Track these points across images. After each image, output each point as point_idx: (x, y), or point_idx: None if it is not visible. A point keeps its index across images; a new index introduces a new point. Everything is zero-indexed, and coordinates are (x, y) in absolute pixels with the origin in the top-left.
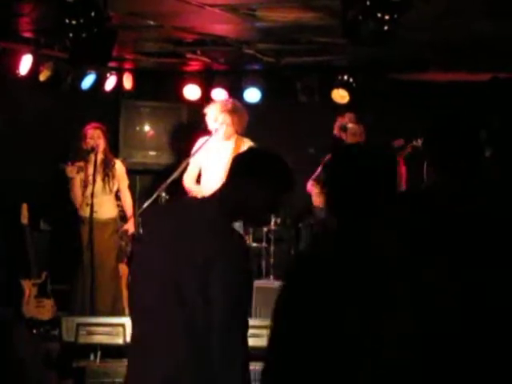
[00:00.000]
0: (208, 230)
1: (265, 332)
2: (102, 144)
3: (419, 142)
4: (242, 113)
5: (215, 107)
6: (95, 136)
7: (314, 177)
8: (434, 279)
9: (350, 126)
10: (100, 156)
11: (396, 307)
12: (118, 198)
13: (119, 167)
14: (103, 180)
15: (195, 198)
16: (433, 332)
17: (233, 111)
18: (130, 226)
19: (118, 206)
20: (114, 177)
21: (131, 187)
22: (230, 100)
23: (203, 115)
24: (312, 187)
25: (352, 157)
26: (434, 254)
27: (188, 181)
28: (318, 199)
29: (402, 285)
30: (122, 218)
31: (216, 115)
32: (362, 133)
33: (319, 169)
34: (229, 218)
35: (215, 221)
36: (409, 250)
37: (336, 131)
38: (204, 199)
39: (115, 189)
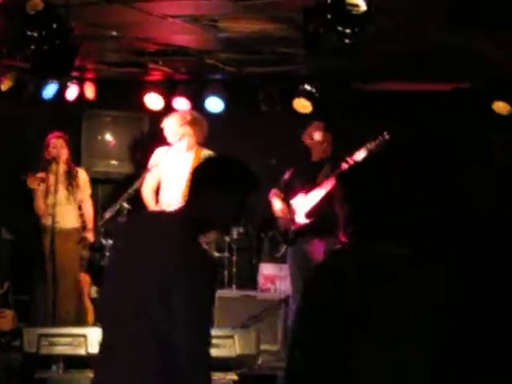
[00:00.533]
0: (174, 243)
1: (226, 342)
2: (64, 153)
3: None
4: (201, 123)
5: (174, 120)
6: (58, 145)
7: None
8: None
9: (317, 134)
10: (62, 165)
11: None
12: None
13: (83, 176)
14: (67, 189)
15: (163, 212)
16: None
17: (193, 123)
18: (89, 235)
19: (81, 215)
20: (77, 186)
21: (93, 196)
22: (188, 111)
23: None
24: (274, 195)
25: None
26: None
27: (146, 192)
28: (278, 208)
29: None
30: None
31: (175, 128)
32: (329, 142)
33: (285, 176)
34: (197, 231)
35: (182, 235)
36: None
37: (305, 139)
38: (172, 213)
39: (79, 198)
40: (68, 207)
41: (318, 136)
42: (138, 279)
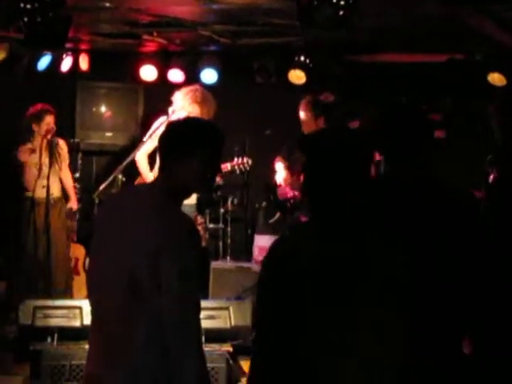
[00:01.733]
0: (158, 215)
1: (221, 313)
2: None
3: None
4: (210, 103)
5: (184, 96)
6: (51, 121)
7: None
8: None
9: (301, 113)
10: (47, 137)
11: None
12: None
13: (63, 146)
14: (50, 160)
15: (144, 185)
16: None
17: (202, 102)
18: (73, 204)
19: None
20: (59, 155)
21: (88, 168)
22: (200, 89)
23: (163, 98)
24: (279, 161)
25: (318, 142)
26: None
27: (141, 157)
28: (281, 176)
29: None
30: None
31: (184, 105)
32: (310, 120)
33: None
34: (178, 199)
35: (164, 206)
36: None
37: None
38: (151, 185)
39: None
40: (53, 178)
41: (302, 115)
42: (125, 253)
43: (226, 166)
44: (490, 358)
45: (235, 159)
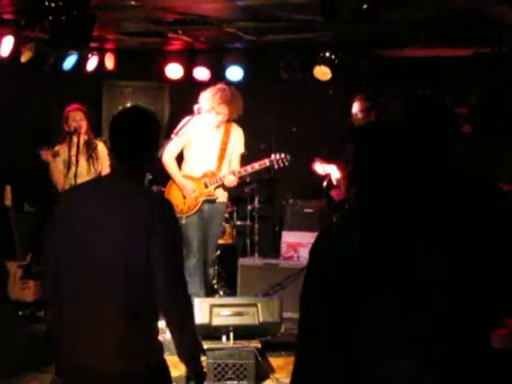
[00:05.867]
0: (140, 199)
1: (249, 310)
2: (84, 125)
3: None
4: (238, 102)
5: (213, 96)
6: (77, 118)
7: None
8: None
9: (354, 109)
10: (83, 137)
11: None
12: None
13: (101, 148)
14: (87, 161)
15: (107, 176)
16: None
17: (231, 101)
18: None
19: None
20: (97, 158)
21: None
22: (227, 88)
23: (189, 96)
24: (324, 164)
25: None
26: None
27: (168, 157)
28: (335, 176)
29: None
30: None
31: (213, 105)
32: (363, 116)
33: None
34: (140, 179)
35: (142, 189)
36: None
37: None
38: (114, 174)
39: (99, 169)
40: (87, 178)
41: (355, 109)
42: (118, 236)
43: (265, 162)
44: None
45: (273, 155)
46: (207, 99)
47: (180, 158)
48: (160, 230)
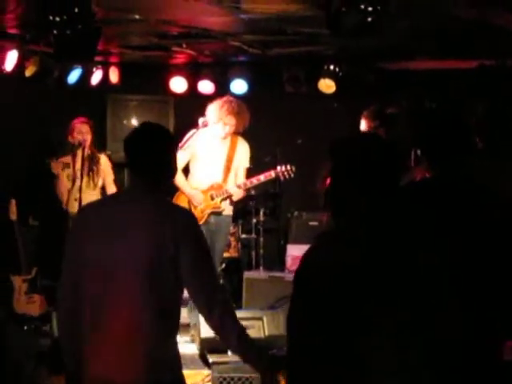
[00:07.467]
0: (166, 212)
1: (254, 323)
2: (89, 139)
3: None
4: (245, 113)
5: (220, 108)
6: (83, 130)
7: None
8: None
9: (362, 123)
10: (87, 151)
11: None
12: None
13: (104, 162)
14: (88, 175)
15: (128, 190)
16: None
17: (238, 112)
18: None
19: None
20: (98, 172)
21: (119, 180)
22: (234, 100)
23: (193, 109)
24: None
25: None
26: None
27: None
28: None
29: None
30: None
31: (220, 116)
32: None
33: None
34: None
35: (165, 202)
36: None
37: None
38: (135, 189)
39: (100, 184)
40: (88, 192)
41: (363, 125)
42: (140, 244)
43: (270, 174)
44: None
45: (278, 167)
46: (214, 110)
47: (185, 172)
48: (188, 241)
